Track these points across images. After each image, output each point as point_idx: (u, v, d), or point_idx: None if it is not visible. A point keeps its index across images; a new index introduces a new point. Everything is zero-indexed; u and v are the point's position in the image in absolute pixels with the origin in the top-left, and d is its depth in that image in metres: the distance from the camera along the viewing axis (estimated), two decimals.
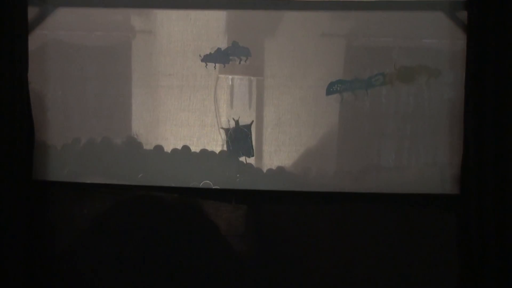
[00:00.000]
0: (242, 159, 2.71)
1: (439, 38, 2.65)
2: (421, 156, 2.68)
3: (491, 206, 2.51)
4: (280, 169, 2.70)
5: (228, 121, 2.70)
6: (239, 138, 2.70)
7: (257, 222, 2.72)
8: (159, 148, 2.71)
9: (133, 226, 2.69)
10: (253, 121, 2.71)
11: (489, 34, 2.50)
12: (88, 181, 2.72)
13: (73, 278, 2.71)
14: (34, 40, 2.67)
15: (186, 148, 2.71)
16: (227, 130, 2.71)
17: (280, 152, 2.70)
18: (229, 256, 2.69)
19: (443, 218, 2.65)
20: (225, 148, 2.71)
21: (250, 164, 2.70)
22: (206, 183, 2.69)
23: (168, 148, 2.72)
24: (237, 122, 2.70)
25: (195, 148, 2.71)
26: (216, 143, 2.71)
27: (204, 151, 2.71)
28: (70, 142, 2.72)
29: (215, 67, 2.70)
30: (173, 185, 2.69)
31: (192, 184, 2.69)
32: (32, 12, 2.66)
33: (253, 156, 2.70)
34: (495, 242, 2.51)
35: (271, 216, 2.72)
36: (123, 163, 2.72)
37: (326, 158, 2.69)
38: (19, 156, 2.57)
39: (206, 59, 2.70)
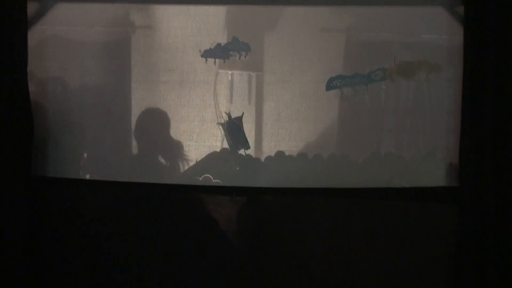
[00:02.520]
0: (242, 152, 2.71)
1: (439, 33, 2.66)
2: (421, 150, 2.68)
3: (490, 197, 2.53)
4: (280, 164, 2.69)
5: (221, 115, 2.70)
6: (233, 131, 2.70)
7: (257, 215, 2.72)
8: (160, 143, 2.71)
9: (133, 222, 2.69)
10: (243, 113, 2.70)
11: (486, 27, 2.51)
12: (87, 178, 2.72)
13: (72, 273, 2.71)
14: (34, 36, 2.67)
15: (187, 143, 2.71)
16: (223, 125, 2.71)
17: (280, 147, 2.70)
18: (229, 250, 2.70)
19: (443, 210, 2.65)
20: (224, 143, 2.70)
21: (250, 157, 2.70)
22: (206, 177, 2.69)
23: (168, 143, 2.72)
24: (229, 115, 2.70)
25: (195, 143, 2.71)
26: (216, 138, 2.71)
27: (204, 146, 2.71)
28: (70, 137, 2.72)
29: (215, 62, 2.70)
30: (173, 180, 2.70)
31: (193, 179, 2.69)
32: (31, 7, 2.65)
33: (249, 148, 2.70)
34: (494, 231, 2.53)
35: (271, 209, 2.72)
36: (123, 159, 2.72)
37: (326, 153, 2.69)
38: (18, 152, 2.57)
39: (206, 54, 2.69)
